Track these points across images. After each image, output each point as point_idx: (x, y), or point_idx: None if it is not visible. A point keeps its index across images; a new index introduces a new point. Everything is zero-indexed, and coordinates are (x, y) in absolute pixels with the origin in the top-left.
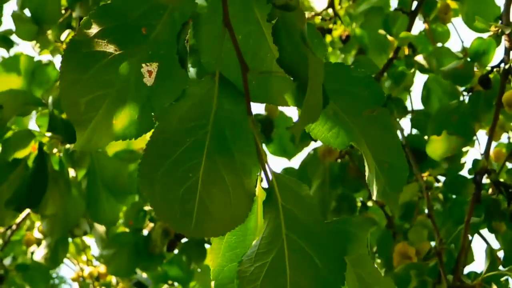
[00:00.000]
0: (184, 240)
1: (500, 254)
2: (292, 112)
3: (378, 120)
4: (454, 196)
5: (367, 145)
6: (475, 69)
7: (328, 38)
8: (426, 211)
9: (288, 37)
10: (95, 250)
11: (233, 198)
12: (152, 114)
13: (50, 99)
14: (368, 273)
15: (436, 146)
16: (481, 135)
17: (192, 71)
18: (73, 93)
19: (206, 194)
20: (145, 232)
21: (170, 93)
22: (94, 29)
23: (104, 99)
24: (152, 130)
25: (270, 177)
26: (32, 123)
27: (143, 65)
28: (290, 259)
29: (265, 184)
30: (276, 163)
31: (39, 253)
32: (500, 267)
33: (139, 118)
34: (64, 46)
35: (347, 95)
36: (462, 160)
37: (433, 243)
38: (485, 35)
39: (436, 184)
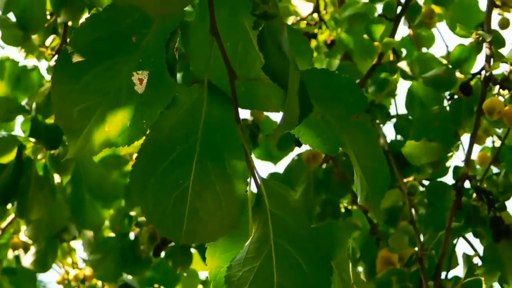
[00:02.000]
0: (170, 245)
1: None
2: (278, 117)
3: (362, 125)
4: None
5: (353, 150)
6: (458, 75)
7: (313, 43)
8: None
9: (273, 45)
10: (80, 253)
11: (223, 204)
12: (144, 121)
13: (34, 106)
14: (350, 276)
15: (413, 152)
16: (466, 140)
17: (179, 76)
18: (66, 103)
19: (197, 201)
20: (132, 236)
21: (161, 101)
22: (85, 39)
23: (97, 108)
24: (144, 137)
25: (259, 182)
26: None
27: (134, 73)
28: (277, 264)
29: (255, 189)
30: (262, 168)
31: (27, 259)
32: None
33: (131, 125)
34: (49, 51)
35: (333, 101)
36: (447, 164)
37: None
38: (467, 42)
39: (422, 189)
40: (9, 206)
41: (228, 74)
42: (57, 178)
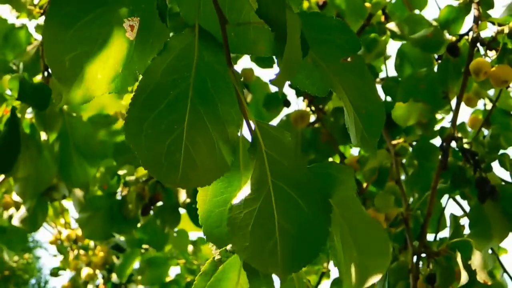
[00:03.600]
0: (158, 204)
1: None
2: (268, 77)
3: (354, 67)
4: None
5: (345, 91)
6: (449, 37)
7: (306, 4)
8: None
9: None
10: (73, 213)
11: (217, 148)
12: (136, 67)
13: (21, 65)
14: (354, 213)
15: (401, 113)
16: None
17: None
18: (57, 51)
19: (192, 145)
20: (120, 196)
21: (152, 47)
22: None
23: (88, 56)
24: (136, 84)
25: (253, 125)
26: None
27: (125, 20)
28: (277, 204)
29: (246, 132)
30: None
31: (17, 217)
32: None
33: (123, 71)
34: (37, 10)
35: (324, 43)
36: (437, 127)
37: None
38: (456, 3)
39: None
40: None
41: (219, 19)
42: (43, 136)
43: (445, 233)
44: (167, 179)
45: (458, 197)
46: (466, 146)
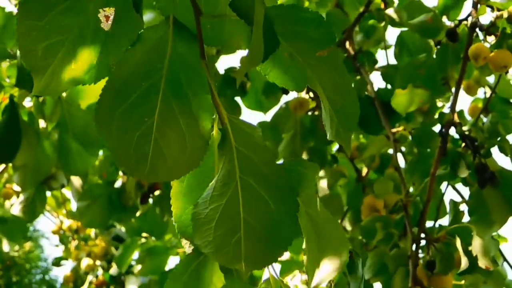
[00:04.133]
0: (157, 192)
1: None
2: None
3: (330, 61)
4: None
5: (321, 86)
6: (448, 22)
7: None
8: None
9: None
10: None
11: (188, 142)
12: (110, 58)
13: (18, 52)
14: (317, 212)
15: (401, 99)
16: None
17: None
18: (30, 40)
19: (161, 138)
20: (119, 184)
21: (126, 38)
22: None
23: (62, 45)
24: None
25: (225, 120)
26: None
27: (100, 10)
28: (244, 201)
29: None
30: (252, 117)
31: (16, 206)
32: None
33: (97, 62)
34: None
35: (300, 36)
36: (437, 115)
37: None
38: None
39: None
40: None
41: (194, 10)
42: (42, 124)
43: (444, 220)
44: (135, 172)
45: (457, 184)
46: (465, 132)
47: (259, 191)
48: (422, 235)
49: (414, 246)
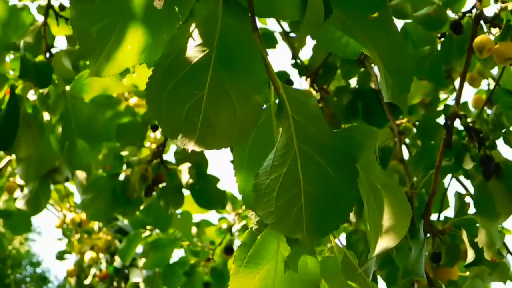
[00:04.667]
0: (162, 185)
1: None
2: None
3: (382, 23)
4: (432, 142)
5: (375, 49)
6: (452, 14)
7: None
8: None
9: None
10: (78, 197)
11: (238, 114)
12: (164, 37)
13: (22, 44)
14: (377, 178)
15: None
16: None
17: None
18: (83, 23)
19: (211, 110)
20: (122, 177)
21: (179, 15)
22: None
23: (115, 26)
24: None
25: (280, 90)
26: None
27: None
28: (303, 169)
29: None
30: None
31: (20, 200)
32: None
33: (152, 42)
34: None
35: (350, 1)
36: (440, 107)
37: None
38: None
39: (415, 130)
40: None
41: None
42: (46, 117)
43: (448, 213)
44: (184, 142)
45: (461, 177)
46: (470, 124)
47: (318, 159)
48: (428, 227)
49: None
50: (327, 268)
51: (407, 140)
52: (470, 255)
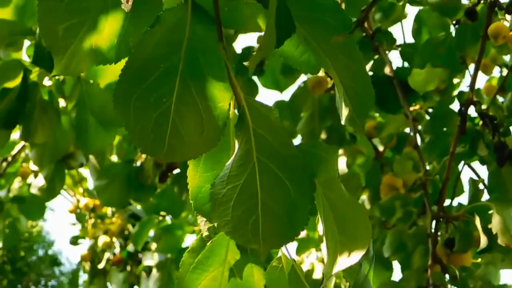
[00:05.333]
0: (176, 171)
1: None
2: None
3: (345, 47)
4: (445, 129)
5: (335, 71)
6: (466, 1)
7: None
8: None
9: None
10: (92, 182)
11: (205, 123)
12: (130, 40)
13: (37, 30)
14: (337, 195)
15: (419, 79)
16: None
17: None
18: (51, 20)
19: (179, 119)
20: (137, 163)
21: (146, 19)
22: None
23: (82, 26)
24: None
25: (241, 101)
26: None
27: None
28: (261, 181)
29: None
30: (268, 96)
31: (35, 185)
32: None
33: (118, 43)
34: None
35: (316, 22)
36: (454, 93)
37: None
38: None
39: (428, 117)
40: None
41: None
42: (62, 103)
43: (461, 199)
44: (153, 152)
45: (473, 164)
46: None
47: (276, 172)
48: (441, 213)
49: (433, 224)
50: (273, 279)
51: (419, 127)
52: (483, 241)
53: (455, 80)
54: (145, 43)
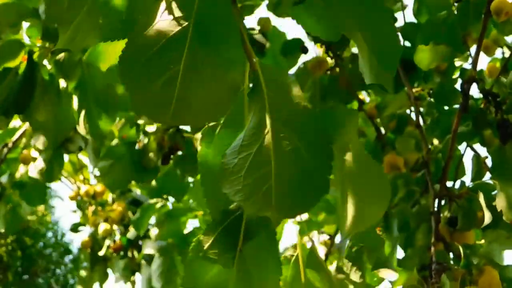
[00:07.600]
0: (178, 153)
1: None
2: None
3: (370, 3)
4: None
5: (358, 26)
6: None
7: None
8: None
9: None
10: (91, 168)
11: (214, 90)
12: (137, 12)
13: (42, 7)
14: (356, 157)
15: (423, 56)
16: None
17: None
18: None
19: (186, 85)
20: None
21: None
22: None
23: None
24: None
25: (255, 66)
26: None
27: None
28: (275, 149)
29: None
30: None
31: (34, 168)
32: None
33: (126, 17)
34: None
35: None
36: (456, 75)
37: None
38: None
39: (430, 99)
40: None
41: None
42: (63, 83)
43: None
44: (157, 117)
45: (475, 146)
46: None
47: (292, 138)
48: (444, 192)
49: (436, 203)
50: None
51: (421, 109)
52: (487, 217)
53: (457, 63)
54: (153, 11)
